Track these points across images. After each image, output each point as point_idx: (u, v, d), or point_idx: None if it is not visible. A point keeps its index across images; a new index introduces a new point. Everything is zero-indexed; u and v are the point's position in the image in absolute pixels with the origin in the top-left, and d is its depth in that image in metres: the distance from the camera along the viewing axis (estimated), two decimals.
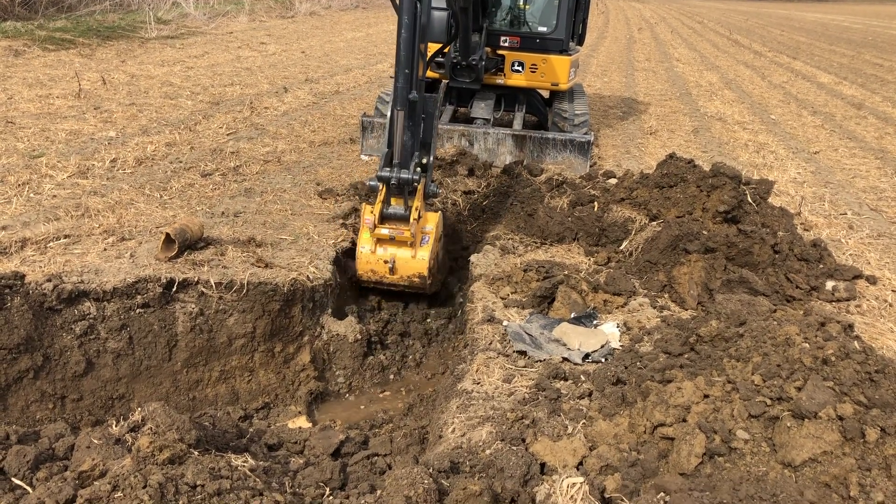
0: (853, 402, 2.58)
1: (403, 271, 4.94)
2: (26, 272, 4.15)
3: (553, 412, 3.31)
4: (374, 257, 4.91)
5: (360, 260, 4.95)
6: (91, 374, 4.23)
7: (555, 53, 7.72)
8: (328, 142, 8.04)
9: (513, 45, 7.57)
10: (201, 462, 2.60)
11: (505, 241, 5.65)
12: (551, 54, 7.72)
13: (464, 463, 2.92)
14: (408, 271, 4.94)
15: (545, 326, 4.23)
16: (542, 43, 7.71)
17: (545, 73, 7.78)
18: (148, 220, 5.27)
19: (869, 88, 14.64)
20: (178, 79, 10.86)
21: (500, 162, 7.11)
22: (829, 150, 9.07)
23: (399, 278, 4.98)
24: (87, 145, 7.02)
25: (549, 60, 7.73)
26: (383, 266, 4.91)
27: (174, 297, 4.39)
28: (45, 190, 5.73)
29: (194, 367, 4.53)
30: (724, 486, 2.53)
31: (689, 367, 3.22)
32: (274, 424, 4.44)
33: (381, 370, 5.05)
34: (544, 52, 7.72)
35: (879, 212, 6.66)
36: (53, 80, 9.97)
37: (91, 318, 4.17)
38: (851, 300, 4.75)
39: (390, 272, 4.93)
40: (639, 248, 5.22)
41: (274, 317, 4.62)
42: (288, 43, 16.09)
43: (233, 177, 6.52)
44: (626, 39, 23.26)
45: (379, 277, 5.01)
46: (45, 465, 2.92)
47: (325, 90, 11.01)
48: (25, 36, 12.52)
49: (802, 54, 21.40)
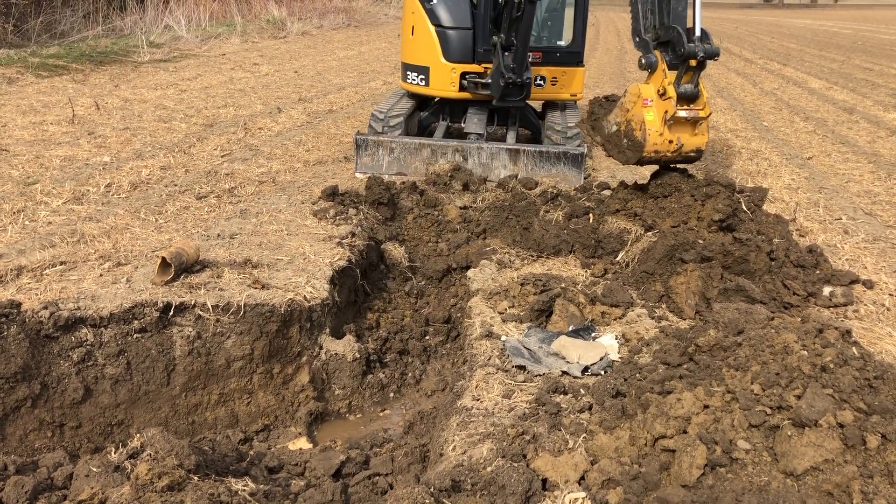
0: (853, 409, 2.57)
1: (686, 148, 5.17)
2: (22, 300, 4.14)
3: (553, 427, 3.30)
4: (662, 138, 5.11)
5: (648, 142, 5.12)
6: (89, 401, 4.21)
7: (573, 65, 7.93)
8: (323, 161, 8.06)
9: (535, 61, 7.65)
10: (200, 488, 2.59)
11: (501, 255, 5.65)
12: (571, 66, 7.92)
13: (465, 481, 2.91)
14: (690, 147, 5.17)
15: (543, 340, 4.22)
16: (562, 56, 7.89)
17: (565, 86, 7.99)
18: (144, 244, 5.27)
19: (860, 93, 14.72)
20: (171, 102, 10.90)
21: (495, 176, 7.13)
22: (822, 156, 9.10)
23: (677, 154, 5.20)
24: (81, 171, 7.03)
25: (569, 72, 7.94)
26: (669, 146, 5.11)
27: (171, 322, 4.37)
28: (40, 217, 5.73)
29: (193, 390, 4.51)
30: (726, 498, 2.51)
31: (688, 377, 3.21)
32: (274, 446, 4.42)
33: (381, 389, 5.03)
34: (564, 64, 7.91)
35: (874, 216, 6.67)
36: (47, 106, 10.00)
37: (88, 345, 4.16)
38: (849, 305, 4.75)
39: (674, 152, 5.15)
40: (635, 258, 5.23)
41: (272, 338, 4.61)
42: (280, 63, 16.16)
43: (228, 198, 6.53)
44: (618, 50, 23.39)
45: (660, 156, 5.22)
46: (43, 494, 2.90)
47: (318, 109, 11.05)
48: (19, 63, 12.57)
49: (793, 60, 21.53)
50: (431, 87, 7.82)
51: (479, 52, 7.51)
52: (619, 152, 5.61)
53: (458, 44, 7.54)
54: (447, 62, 7.59)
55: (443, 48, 7.58)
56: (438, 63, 7.64)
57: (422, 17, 7.73)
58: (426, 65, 7.78)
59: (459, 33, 7.52)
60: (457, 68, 7.57)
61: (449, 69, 7.60)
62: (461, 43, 7.53)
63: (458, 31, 7.52)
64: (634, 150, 5.32)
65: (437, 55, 7.61)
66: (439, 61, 7.63)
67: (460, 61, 7.57)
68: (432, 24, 7.63)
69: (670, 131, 5.16)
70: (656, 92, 5.10)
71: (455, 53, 7.54)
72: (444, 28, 7.57)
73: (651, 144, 5.19)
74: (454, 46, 7.54)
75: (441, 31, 7.58)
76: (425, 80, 7.84)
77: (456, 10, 7.55)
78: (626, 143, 5.44)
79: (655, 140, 5.17)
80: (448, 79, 7.62)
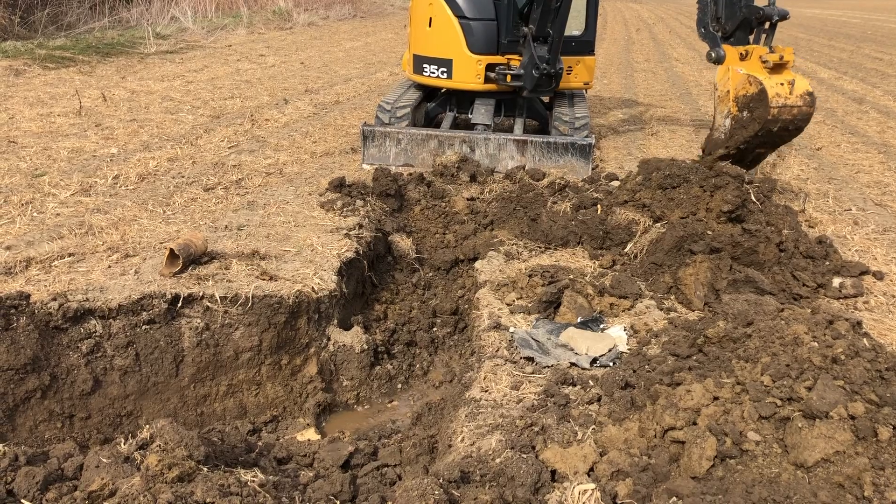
0: (864, 401, 2.56)
1: (798, 88, 5.37)
2: (31, 292, 4.16)
3: (562, 418, 3.29)
4: (775, 82, 5.32)
5: (768, 87, 5.29)
6: (98, 392, 4.23)
7: (586, 54, 8.02)
8: (329, 152, 8.05)
9: None
10: (210, 479, 2.59)
11: (509, 247, 5.64)
12: (584, 55, 8.00)
13: (474, 472, 2.91)
14: (801, 88, 5.38)
15: (552, 332, 4.22)
16: (576, 46, 7.93)
17: (578, 74, 8.07)
18: (151, 235, 5.28)
19: (869, 83, 14.61)
20: (178, 93, 10.90)
21: (503, 167, 7.10)
22: (831, 146, 9.05)
23: (798, 101, 5.37)
24: (89, 163, 7.04)
25: (583, 61, 8.03)
26: (785, 88, 5.33)
27: (180, 313, 4.39)
28: (48, 209, 5.74)
29: (201, 381, 4.52)
30: (736, 489, 2.51)
31: (697, 369, 3.20)
32: (283, 437, 4.43)
33: (389, 380, 5.04)
34: (578, 53, 7.97)
35: (884, 206, 6.63)
36: (54, 98, 10.01)
37: (97, 336, 4.17)
38: (859, 297, 4.73)
39: (792, 95, 5.35)
40: (643, 250, 5.20)
41: (280, 329, 4.62)
42: (287, 54, 16.13)
43: (235, 190, 6.53)
44: (625, 40, 23.26)
45: (783, 105, 5.35)
46: (54, 485, 2.91)
47: (325, 101, 11.03)
48: (25, 55, 12.58)
49: (802, 50, 21.37)
50: (455, 79, 7.73)
51: (503, 43, 7.49)
52: (745, 129, 5.63)
53: (483, 35, 7.48)
54: (472, 54, 7.53)
55: (468, 40, 7.51)
56: (463, 55, 7.56)
57: (442, 9, 7.63)
58: (448, 57, 7.68)
59: (484, 24, 7.46)
60: (482, 60, 7.52)
61: (474, 61, 7.54)
62: (486, 34, 7.47)
63: (482, 22, 7.46)
64: (761, 109, 5.39)
65: (462, 47, 7.54)
66: (464, 53, 7.55)
67: (486, 53, 7.52)
68: (455, 16, 7.55)
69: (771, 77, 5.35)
70: (738, 58, 5.45)
71: (480, 45, 7.50)
72: (467, 19, 7.50)
73: (771, 90, 5.29)
74: (479, 38, 7.48)
75: (465, 22, 7.50)
76: (447, 72, 7.74)
77: (479, 1, 7.51)
78: (746, 115, 5.52)
79: (771, 85, 5.31)
80: (473, 70, 7.57)
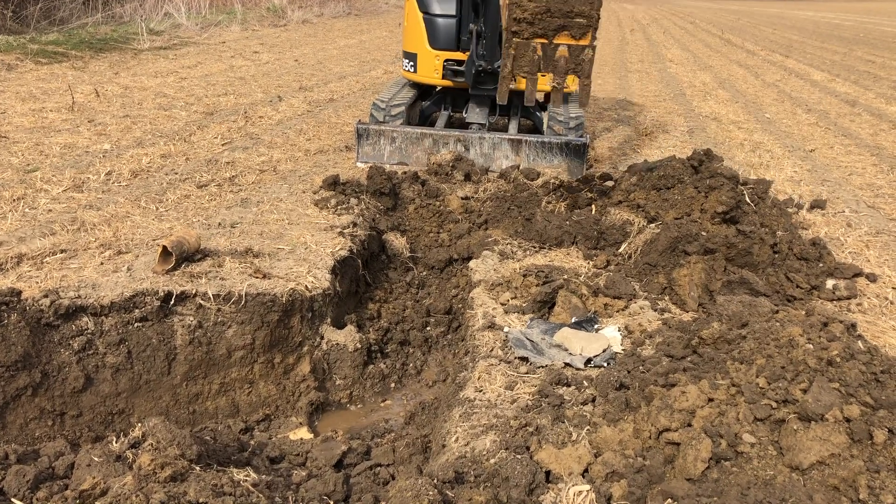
0: (860, 404, 2.56)
1: None
2: (23, 288, 4.12)
3: (557, 419, 3.28)
4: None
5: None
6: (90, 390, 4.19)
7: None
8: (324, 150, 8.03)
9: None
10: (203, 479, 2.58)
11: (503, 247, 5.63)
12: None
13: (468, 473, 2.90)
14: None
15: (546, 332, 4.21)
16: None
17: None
18: (144, 232, 5.24)
19: (862, 85, 14.67)
20: (171, 90, 10.84)
21: (497, 167, 7.09)
22: (824, 148, 9.08)
23: None
24: (81, 159, 6.99)
25: None
26: None
27: (172, 311, 4.35)
28: (40, 205, 5.69)
29: (194, 380, 4.49)
30: (731, 491, 2.51)
31: (692, 370, 3.20)
32: (275, 436, 4.41)
33: (382, 379, 5.02)
34: None
35: (877, 209, 6.65)
36: (46, 93, 9.94)
37: (89, 334, 4.14)
38: (852, 298, 4.74)
39: None
40: (638, 250, 5.21)
41: (273, 327, 4.59)
42: (281, 51, 16.08)
43: (229, 187, 6.50)
44: (619, 41, 23.29)
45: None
46: (44, 484, 2.88)
47: (319, 98, 10.99)
48: (18, 50, 12.49)
49: (795, 52, 21.45)
50: (419, 73, 7.99)
51: (462, 40, 7.59)
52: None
53: (443, 31, 7.66)
54: (432, 49, 7.73)
55: (429, 35, 7.73)
56: (424, 50, 7.80)
57: (413, 5, 7.92)
58: (414, 51, 7.96)
59: (445, 21, 7.64)
60: (440, 55, 7.70)
61: (433, 56, 7.74)
62: (446, 30, 7.65)
63: (443, 18, 7.64)
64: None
65: (424, 42, 7.77)
66: (425, 48, 7.78)
67: (444, 49, 7.69)
68: (420, 12, 7.80)
69: None
70: None
71: (440, 41, 7.69)
72: (431, 15, 7.72)
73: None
74: (439, 34, 7.68)
75: (428, 18, 7.73)
76: (414, 66, 8.01)
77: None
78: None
79: None
80: (432, 66, 7.78)
